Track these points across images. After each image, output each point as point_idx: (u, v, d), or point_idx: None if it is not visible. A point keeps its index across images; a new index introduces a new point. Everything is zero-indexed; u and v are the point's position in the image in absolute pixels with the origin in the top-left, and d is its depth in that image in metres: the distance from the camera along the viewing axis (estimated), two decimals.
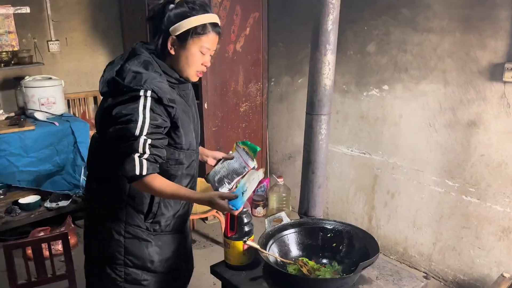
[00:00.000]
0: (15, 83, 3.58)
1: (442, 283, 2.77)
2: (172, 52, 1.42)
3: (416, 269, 2.90)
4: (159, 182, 1.36)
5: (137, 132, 1.30)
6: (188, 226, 1.72)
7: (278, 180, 3.51)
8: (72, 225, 3.14)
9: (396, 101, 2.81)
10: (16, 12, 3.02)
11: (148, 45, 1.48)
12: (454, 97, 2.52)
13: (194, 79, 1.49)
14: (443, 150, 2.62)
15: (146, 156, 1.31)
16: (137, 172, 1.30)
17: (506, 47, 2.25)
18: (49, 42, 3.82)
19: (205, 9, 1.41)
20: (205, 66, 1.48)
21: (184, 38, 1.40)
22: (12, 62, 3.46)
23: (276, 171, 3.88)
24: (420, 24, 2.59)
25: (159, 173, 1.38)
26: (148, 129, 1.32)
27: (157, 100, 1.34)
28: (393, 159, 2.90)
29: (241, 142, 1.70)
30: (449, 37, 2.47)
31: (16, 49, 3.11)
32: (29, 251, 1.98)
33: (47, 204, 3.23)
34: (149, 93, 1.32)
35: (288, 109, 3.64)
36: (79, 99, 4.07)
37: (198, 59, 1.44)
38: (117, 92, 1.36)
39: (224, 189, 1.64)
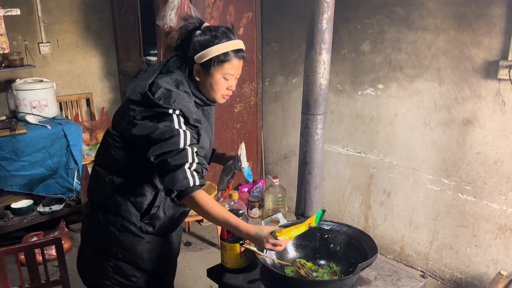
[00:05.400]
0: (6, 86, 3.53)
1: (439, 282, 2.77)
2: (198, 78, 1.48)
3: (413, 268, 2.89)
4: (206, 199, 1.35)
5: (182, 144, 1.34)
6: (179, 231, 1.71)
7: (274, 180, 3.48)
8: (66, 230, 3.10)
9: (391, 100, 2.80)
10: (6, 14, 2.98)
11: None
12: (449, 95, 2.51)
13: (221, 101, 1.55)
14: (438, 148, 2.62)
15: (194, 166, 1.34)
16: (191, 183, 1.31)
17: (501, 44, 2.25)
18: (40, 44, 3.78)
19: (228, 36, 1.44)
20: (231, 90, 1.53)
21: (208, 66, 1.44)
22: (3, 65, 3.42)
23: (272, 171, 3.87)
24: (415, 22, 2.58)
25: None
26: (190, 140, 1.36)
27: (185, 119, 1.38)
28: (389, 158, 2.89)
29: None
30: (444, 35, 2.47)
31: (6, 51, 3.08)
32: (22, 257, 1.95)
33: (40, 208, 3.20)
34: (177, 112, 1.36)
35: (282, 109, 3.62)
36: (71, 101, 4.03)
37: (222, 85, 1.49)
38: (146, 105, 1.39)
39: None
